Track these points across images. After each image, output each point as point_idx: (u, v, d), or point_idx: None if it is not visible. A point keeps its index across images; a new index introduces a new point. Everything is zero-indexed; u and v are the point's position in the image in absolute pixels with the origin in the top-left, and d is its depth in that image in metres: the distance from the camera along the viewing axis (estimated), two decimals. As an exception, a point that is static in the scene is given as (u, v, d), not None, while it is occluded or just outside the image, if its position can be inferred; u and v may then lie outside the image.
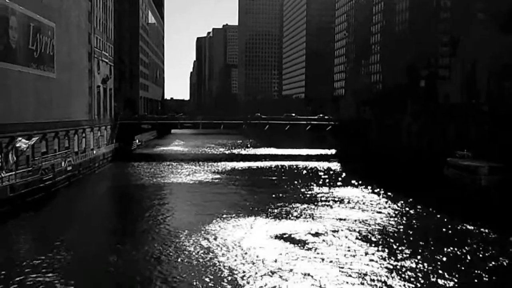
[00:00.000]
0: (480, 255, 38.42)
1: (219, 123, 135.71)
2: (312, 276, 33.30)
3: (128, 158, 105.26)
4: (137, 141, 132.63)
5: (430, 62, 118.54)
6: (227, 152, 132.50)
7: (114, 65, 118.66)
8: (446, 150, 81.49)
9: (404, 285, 31.96)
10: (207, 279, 32.86)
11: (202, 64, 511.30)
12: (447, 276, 33.62)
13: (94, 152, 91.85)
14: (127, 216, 55.15)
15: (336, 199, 61.36)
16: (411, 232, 45.63)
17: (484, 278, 33.79)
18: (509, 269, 35.85)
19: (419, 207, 56.15)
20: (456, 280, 32.96)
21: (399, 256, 37.68)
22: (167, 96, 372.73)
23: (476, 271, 34.82)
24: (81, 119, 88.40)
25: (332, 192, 66.08)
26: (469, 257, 38.00)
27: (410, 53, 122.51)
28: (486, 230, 45.33)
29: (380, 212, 53.51)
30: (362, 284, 32.11)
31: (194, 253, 38.14)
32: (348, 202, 59.17)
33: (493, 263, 36.72)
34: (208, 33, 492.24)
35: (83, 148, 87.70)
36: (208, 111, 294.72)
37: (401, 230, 46.45)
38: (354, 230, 45.52)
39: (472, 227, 46.43)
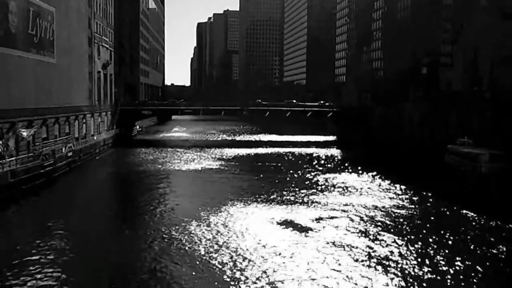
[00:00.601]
0: (477, 241, 38.43)
1: (220, 109, 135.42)
2: (313, 261, 33.35)
3: (128, 144, 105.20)
4: (137, 127, 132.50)
5: (432, 49, 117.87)
6: (228, 138, 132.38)
7: (114, 50, 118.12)
8: (447, 137, 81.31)
9: (403, 269, 32.02)
10: (207, 264, 32.87)
11: (202, 50, 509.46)
12: (445, 261, 33.65)
13: (95, 138, 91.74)
14: (127, 203, 55.18)
15: (337, 185, 61.33)
16: (410, 218, 45.64)
17: (482, 264, 33.81)
18: (505, 255, 35.85)
19: (419, 193, 56.11)
20: (454, 267, 33.00)
21: (398, 242, 37.68)
22: (168, 82, 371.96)
23: (473, 256, 34.86)
24: (81, 105, 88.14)
25: (333, 179, 66.06)
26: (466, 243, 38.04)
27: (412, 40, 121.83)
28: (484, 217, 45.35)
29: (380, 199, 53.51)
30: (362, 267, 32.15)
31: (195, 239, 38.12)
32: (349, 189, 59.16)
33: (490, 249, 36.75)
34: (209, 18, 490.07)
35: (83, 134, 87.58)
36: (208, 97, 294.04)
37: (400, 215, 46.43)
38: (355, 216, 45.55)
39: (471, 214, 46.44)
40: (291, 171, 72.48)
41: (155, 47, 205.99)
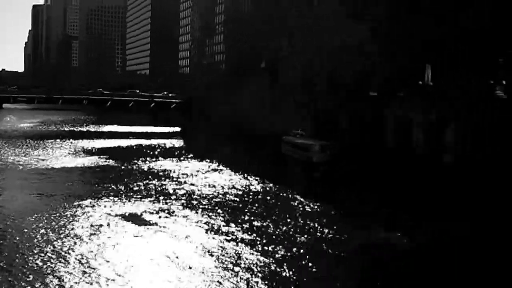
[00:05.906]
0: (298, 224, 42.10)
1: (58, 98, 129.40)
2: (152, 251, 34.06)
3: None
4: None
5: (272, 44, 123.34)
6: (67, 129, 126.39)
7: None
8: (287, 128, 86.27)
9: (236, 254, 34.13)
10: (35, 263, 31.84)
11: (38, 34, 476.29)
12: (279, 245, 36.47)
13: None
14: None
15: (179, 176, 62.40)
16: (246, 202, 48.44)
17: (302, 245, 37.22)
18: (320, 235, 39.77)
19: (255, 180, 59.41)
20: (280, 247, 35.93)
21: (234, 227, 39.84)
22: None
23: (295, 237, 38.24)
24: None
25: (174, 169, 66.94)
26: (291, 224, 41.52)
27: (252, 34, 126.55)
28: (307, 202, 49.39)
29: (220, 186, 55.57)
30: (202, 254, 33.62)
31: (24, 238, 36.52)
32: (192, 178, 60.54)
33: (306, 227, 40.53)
34: (46, 0, 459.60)
35: None
36: (45, 85, 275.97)
37: (237, 200, 49.07)
38: (196, 205, 46.97)
39: (301, 200, 50.36)
40: (133, 163, 71.95)
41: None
